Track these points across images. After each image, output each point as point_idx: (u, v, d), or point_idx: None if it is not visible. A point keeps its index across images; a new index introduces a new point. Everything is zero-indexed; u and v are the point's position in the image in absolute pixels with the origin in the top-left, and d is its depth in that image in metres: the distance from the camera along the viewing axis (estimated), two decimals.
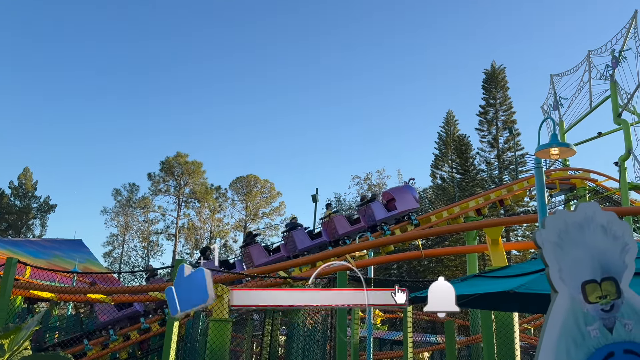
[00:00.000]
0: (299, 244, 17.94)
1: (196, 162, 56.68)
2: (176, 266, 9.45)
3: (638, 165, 23.07)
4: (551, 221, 3.17)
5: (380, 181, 49.32)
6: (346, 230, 18.58)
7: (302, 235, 18.41)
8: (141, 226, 57.23)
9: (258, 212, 58.01)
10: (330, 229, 18.76)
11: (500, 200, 22.48)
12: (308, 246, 18.06)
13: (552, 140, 7.51)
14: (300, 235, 18.25)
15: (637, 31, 23.78)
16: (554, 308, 3.00)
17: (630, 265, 3.28)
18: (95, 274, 23.86)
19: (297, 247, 17.92)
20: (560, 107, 28.94)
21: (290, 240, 18.34)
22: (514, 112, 42.72)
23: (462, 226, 17.09)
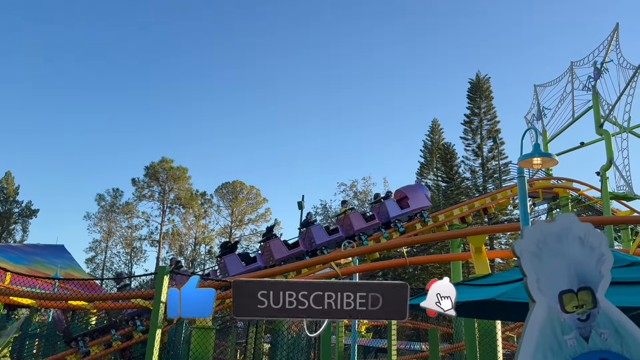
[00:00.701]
0: (317, 239, 18.41)
1: (181, 167, 56.34)
2: (159, 273, 9.38)
3: (619, 175, 23.38)
4: (529, 231, 3.22)
5: (366, 188, 49.43)
6: (361, 226, 19.04)
7: (320, 230, 18.89)
8: (124, 232, 56.67)
9: (244, 219, 57.77)
10: (346, 225, 19.19)
11: (484, 208, 22.68)
12: (326, 241, 18.49)
13: (535, 150, 7.62)
14: (318, 231, 18.73)
15: (619, 44, 24.23)
16: (532, 317, 3.05)
17: (606, 276, 3.34)
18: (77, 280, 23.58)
19: (315, 241, 18.39)
20: (543, 117, 29.29)
21: (309, 235, 18.75)
22: (498, 122, 43.25)
23: (446, 234, 17.21)
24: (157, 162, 55.66)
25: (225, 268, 17.61)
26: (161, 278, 9.20)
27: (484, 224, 31.51)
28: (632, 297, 4.03)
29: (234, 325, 17.62)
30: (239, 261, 17.81)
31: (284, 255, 18.02)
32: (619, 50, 24.06)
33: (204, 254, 57.80)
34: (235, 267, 17.49)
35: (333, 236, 18.84)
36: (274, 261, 17.94)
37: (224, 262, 17.88)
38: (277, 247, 18.11)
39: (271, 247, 18.13)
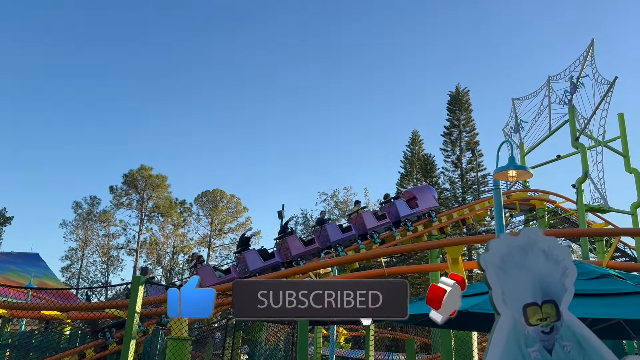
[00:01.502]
0: (332, 236, 19.13)
1: (160, 175, 55.81)
2: (134, 282, 9.24)
3: (594, 188, 23.80)
4: (495, 244, 3.26)
5: (347, 198, 49.56)
6: (373, 225, 19.93)
7: (335, 228, 19.58)
8: (101, 240, 55.82)
9: (224, 228, 57.34)
10: (359, 223, 19.91)
11: (462, 219, 22.88)
12: (341, 238, 19.27)
13: (510, 163, 7.73)
14: (333, 229, 19.42)
15: (594, 59, 24.77)
16: (497, 330, 3.08)
17: (569, 289, 3.39)
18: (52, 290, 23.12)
19: (330, 239, 19.05)
20: (521, 129, 29.73)
21: (324, 233, 19.33)
22: (477, 134, 43.77)
23: (425, 244, 17.29)
24: (136, 170, 55.08)
25: (245, 263, 17.96)
26: (136, 288, 9.06)
27: (463, 234, 31.81)
28: (601, 309, 4.08)
29: (211, 336, 17.44)
30: (258, 256, 18.30)
31: (339, 238, 19.11)
32: (594, 66, 24.60)
33: (182, 264, 57.17)
34: (255, 262, 18.04)
35: (347, 234, 19.48)
36: (330, 243, 18.98)
37: (243, 257, 18.23)
38: (334, 231, 19.13)
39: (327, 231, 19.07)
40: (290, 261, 18.57)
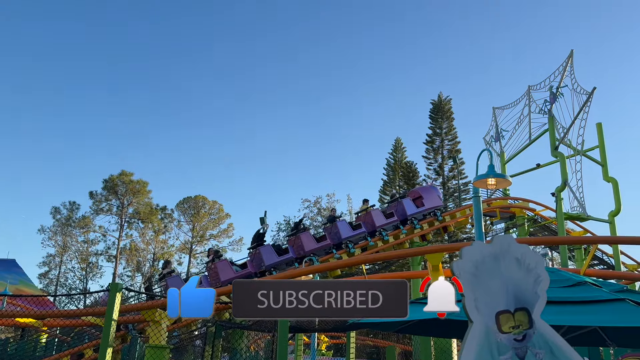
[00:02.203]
0: (343, 233, 19.67)
1: (141, 181, 55.20)
2: (112, 290, 9.10)
3: (573, 196, 24.11)
4: (468, 252, 3.25)
5: (330, 205, 49.55)
6: (382, 223, 20.70)
7: (345, 225, 20.10)
8: (80, 247, 54.94)
9: (205, 234, 56.86)
10: (368, 221, 20.65)
11: (444, 226, 23.00)
12: (351, 235, 19.86)
13: (489, 171, 7.79)
14: (343, 226, 19.94)
15: (573, 69, 25.18)
16: (469, 337, 3.07)
17: (542, 296, 3.39)
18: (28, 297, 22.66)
19: (341, 236, 19.60)
20: (501, 138, 30.05)
21: (335, 230, 19.78)
22: (458, 142, 44.22)
23: (406, 252, 17.31)
24: (116, 175, 54.41)
25: (260, 258, 18.25)
26: (113, 295, 8.93)
27: (444, 242, 31.98)
28: (578, 316, 4.11)
29: (191, 343, 17.25)
30: (273, 252, 18.62)
31: (350, 235, 19.65)
32: (573, 76, 25.00)
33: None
34: (270, 257, 18.36)
35: (357, 231, 20.12)
36: (341, 240, 19.52)
37: (258, 252, 18.48)
38: (344, 228, 19.74)
39: (338, 228, 19.59)
40: (303, 256, 18.88)
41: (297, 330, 11.56)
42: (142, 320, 12.66)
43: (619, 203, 23.60)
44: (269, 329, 9.47)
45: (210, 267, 18.16)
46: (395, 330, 6.13)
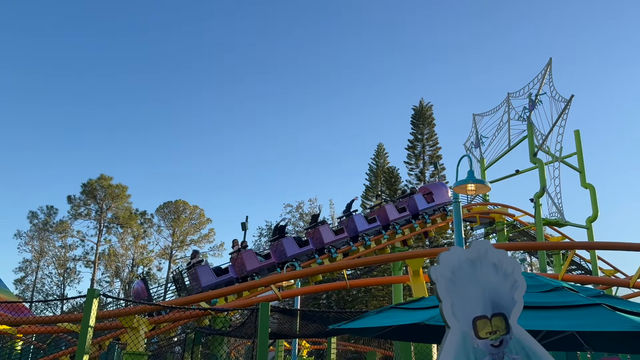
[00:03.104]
0: (360, 226, 20.50)
1: (121, 185, 54.48)
2: (88, 296, 8.93)
3: (552, 202, 24.41)
4: (445, 257, 3.25)
5: (312, 210, 49.48)
6: (395, 217, 21.70)
7: (361, 219, 20.85)
8: (58, 252, 54.03)
9: (186, 239, 56.28)
10: (382, 215, 21.52)
11: (425, 232, 23.13)
12: (367, 229, 20.73)
13: (469, 177, 7.83)
14: (360, 220, 20.75)
15: (552, 77, 25.56)
16: (446, 343, 3.06)
17: (519, 302, 3.39)
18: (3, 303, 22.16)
19: (358, 229, 20.41)
20: (481, 144, 30.34)
21: (352, 224, 20.58)
22: (439, 148, 44.51)
23: (387, 257, 17.38)
24: (95, 180, 53.64)
25: (283, 249, 18.79)
26: (90, 301, 8.75)
27: (425, 247, 32.14)
28: (555, 321, 4.14)
29: (170, 350, 17.04)
30: (294, 244, 19.20)
31: (365, 228, 20.49)
32: (551, 84, 25.37)
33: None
34: (292, 248, 18.95)
35: (372, 225, 20.88)
36: (358, 232, 20.30)
37: (280, 243, 18.92)
38: (361, 222, 20.41)
39: (355, 221, 20.34)
40: (322, 248, 19.57)
41: (278, 336, 11.49)
42: (120, 326, 12.47)
43: (596, 209, 23.96)
44: (248, 335, 9.38)
45: (235, 258, 18.35)
46: (376, 335, 6.11)
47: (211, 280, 17.18)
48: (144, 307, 11.10)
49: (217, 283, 17.17)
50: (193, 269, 17.53)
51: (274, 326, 9.81)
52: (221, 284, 17.15)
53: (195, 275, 17.34)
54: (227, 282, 17.37)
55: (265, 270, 18.23)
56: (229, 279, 17.65)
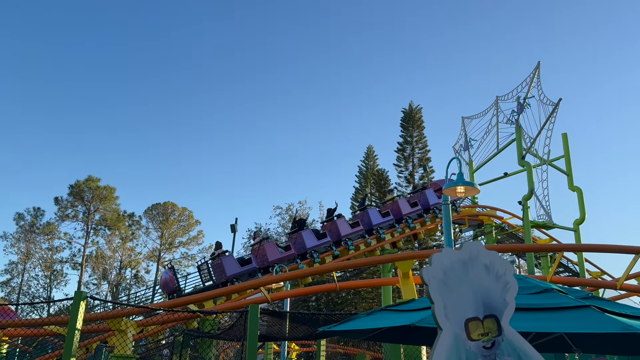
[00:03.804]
0: (374, 220, 21.28)
1: (109, 187, 54.02)
2: (75, 298, 8.83)
3: (539, 205, 24.59)
4: (437, 258, 3.23)
5: (302, 212, 49.40)
6: (408, 211, 22.55)
7: (376, 213, 21.73)
8: (44, 254, 53.44)
9: (174, 241, 55.90)
10: (395, 210, 22.40)
11: (414, 234, 23.20)
12: (381, 222, 21.47)
13: (458, 179, 7.86)
14: (374, 213, 21.60)
15: (540, 81, 25.77)
16: (438, 345, 3.04)
17: (510, 303, 3.39)
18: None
19: (372, 222, 21.12)
20: (470, 147, 30.50)
21: (366, 217, 21.33)
22: (428, 150, 44.64)
23: (376, 259, 17.40)
24: (82, 181, 53.15)
25: (302, 241, 19.39)
26: (77, 303, 8.65)
27: (415, 249, 32.23)
28: (544, 322, 4.15)
29: (158, 353, 16.90)
30: (313, 236, 19.82)
31: (379, 222, 21.35)
32: (540, 87, 25.59)
33: (129, 279, 55.36)
34: (311, 240, 19.56)
35: (386, 219, 21.71)
36: (373, 226, 21.11)
37: (300, 236, 19.61)
38: (374, 216, 21.20)
39: (369, 215, 21.04)
40: (339, 240, 20.28)
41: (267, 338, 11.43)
42: (107, 329, 12.34)
43: (583, 211, 24.18)
44: (237, 338, 9.33)
45: (256, 249, 18.93)
46: (366, 337, 6.09)
47: (236, 269, 17.82)
48: (131, 310, 11.00)
49: (242, 272, 17.81)
50: (218, 259, 17.99)
51: (263, 329, 9.76)
52: (245, 273, 17.79)
53: (220, 265, 17.78)
54: (250, 272, 18.04)
55: (285, 260, 18.85)
56: (252, 268, 18.21)
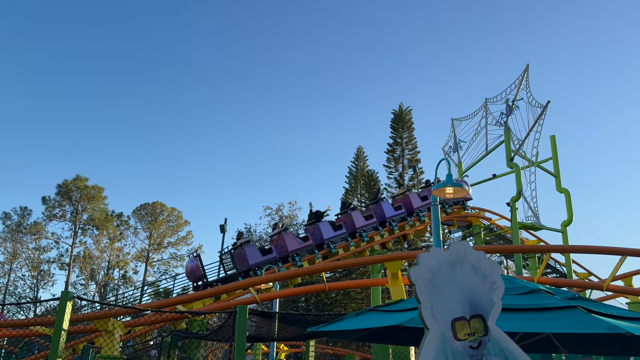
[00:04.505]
0: (387, 213, 22.18)
1: (97, 186, 53.57)
2: (62, 298, 8.74)
3: (527, 206, 24.73)
4: (424, 258, 3.23)
5: (292, 212, 49.34)
6: (419, 205, 23.30)
7: (389, 206, 22.60)
8: (31, 254, 52.88)
9: (163, 242, 55.55)
10: (406, 203, 23.21)
11: (403, 235, 23.25)
12: (394, 215, 22.42)
13: (447, 180, 7.89)
14: (387, 206, 22.47)
15: (528, 83, 25.92)
16: (425, 344, 3.04)
17: (497, 303, 3.40)
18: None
19: (386, 215, 22.07)
20: (459, 149, 30.59)
21: (379, 209, 22.30)
22: (418, 152, 44.77)
23: (366, 260, 17.41)
24: (70, 180, 52.67)
25: (319, 232, 20.13)
26: (64, 303, 8.57)
27: (404, 250, 32.32)
28: (531, 323, 4.18)
29: (146, 354, 16.81)
30: (330, 227, 20.57)
31: (392, 215, 22.26)
32: (528, 90, 25.74)
33: (117, 279, 54.92)
34: (328, 231, 20.33)
35: (399, 212, 22.65)
36: (386, 218, 22.06)
37: (317, 227, 20.34)
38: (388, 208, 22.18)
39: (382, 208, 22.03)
40: (354, 232, 21.01)
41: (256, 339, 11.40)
42: (94, 330, 12.24)
43: (571, 213, 24.36)
44: (226, 339, 9.29)
45: (275, 239, 19.71)
46: (354, 338, 6.09)
47: (258, 258, 18.48)
48: (118, 310, 10.92)
49: (263, 261, 18.48)
50: (241, 249, 18.53)
51: (252, 329, 9.74)
52: (266, 262, 18.50)
53: (243, 254, 18.37)
54: (271, 261, 18.73)
55: (304, 251, 19.55)
56: (273, 257, 18.84)
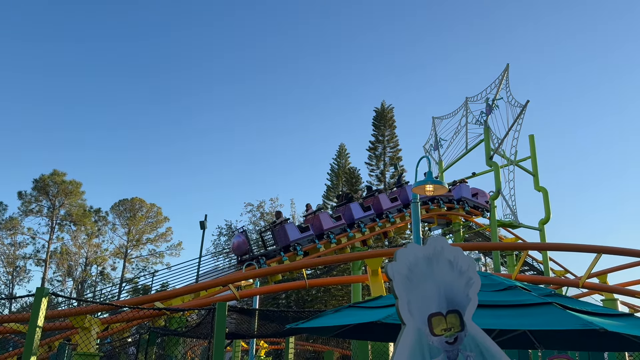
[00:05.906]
0: (356, 214, 22.52)
1: (74, 181, 52.68)
2: (37, 295, 8.59)
3: (506, 205, 25.02)
4: (402, 254, 3.24)
5: (273, 209, 49.18)
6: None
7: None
8: (7, 250, 51.86)
9: (142, 238, 54.96)
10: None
11: (384, 232, 23.35)
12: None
13: (427, 178, 7.93)
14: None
15: (508, 82, 26.19)
16: (401, 340, 3.05)
17: (473, 299, 3.42)
18: None
19: (409, 197, 23.19)
20: (440, 147, 30.80)
21: (404, 192, 24.08)
22: (400, 150, 45.02)
23: (346, 257, 17.46)
24: (47, 175, 51.73)
25: (351, 212, 21.66)
26: (39, 300, 8.42)
27: (385, 247, 32.46)
28: (508, 319, 4.22)
29: (124, 351, 16.64)
30: (360, 208, 22.03)
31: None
32: (508, 89, 26.00)
33: (95, 275, 54.23)
34: (359, 212, 21.83)
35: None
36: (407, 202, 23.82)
37: (348, 207, 21.87)
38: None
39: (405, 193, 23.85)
40: (381, 212, 22.72)
41: (236, 336, 11.35)
42: (71, 326, 12.06)
43: (548, 211, 24.70)
44: (205, 336, 9.23)
45: (310, 219, 21.19)
46: (334, 334, 6.10)
47: (297, 235, 19.92)
48: (95, 307, 10.77)
49: (302, 238, 19.87)
50: (281, 226, 19.92)
51: (232, 326, 9.69)
52: (304, 239, 19.92)
53: (284, 230, 19.71)
54: (309, 238, 20.11)
55: (338, 229, 21.03)
56: (310, 235, 20.25)
